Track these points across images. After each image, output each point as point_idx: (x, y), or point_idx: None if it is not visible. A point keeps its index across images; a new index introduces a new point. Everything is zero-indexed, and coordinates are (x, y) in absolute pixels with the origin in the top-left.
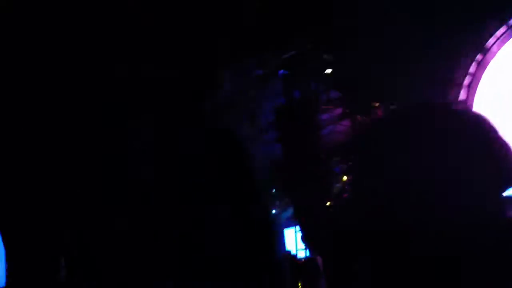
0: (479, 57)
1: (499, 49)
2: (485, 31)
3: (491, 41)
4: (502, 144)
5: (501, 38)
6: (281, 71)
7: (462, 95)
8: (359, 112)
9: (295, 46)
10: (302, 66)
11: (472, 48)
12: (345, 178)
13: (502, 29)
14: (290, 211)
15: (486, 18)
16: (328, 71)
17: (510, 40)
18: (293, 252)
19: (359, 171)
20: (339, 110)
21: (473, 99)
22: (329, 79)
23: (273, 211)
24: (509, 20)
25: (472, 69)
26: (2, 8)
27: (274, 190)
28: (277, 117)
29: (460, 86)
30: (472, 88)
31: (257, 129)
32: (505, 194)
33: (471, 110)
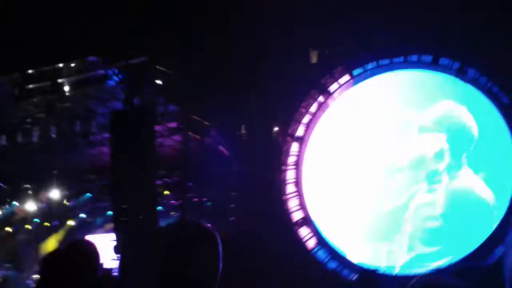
0: (321, 98)
1: (340, 94)
2: (330, 77)
3: (334, 86)
4: None
5: (344, 85)
6: (120, 76)
7: (300, 131)
8: (191, 130)
9: (136, 53)
10: (142, 75)
11: (315, 90)
12: (166, 192)
13: (345, 77)
14: (105, 217)
15: (333, 65)
16: (160, 82)
17: (350, 88)
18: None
19: None
20: (172, 124)
21: (309, 135)
22: (169, 93)
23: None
24: (353, 70)
25: (313, 108)
26: None
27: (87, 194)
28: (112, 120)
29: (299, 123)
30: (310, 126)
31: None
32: None
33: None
